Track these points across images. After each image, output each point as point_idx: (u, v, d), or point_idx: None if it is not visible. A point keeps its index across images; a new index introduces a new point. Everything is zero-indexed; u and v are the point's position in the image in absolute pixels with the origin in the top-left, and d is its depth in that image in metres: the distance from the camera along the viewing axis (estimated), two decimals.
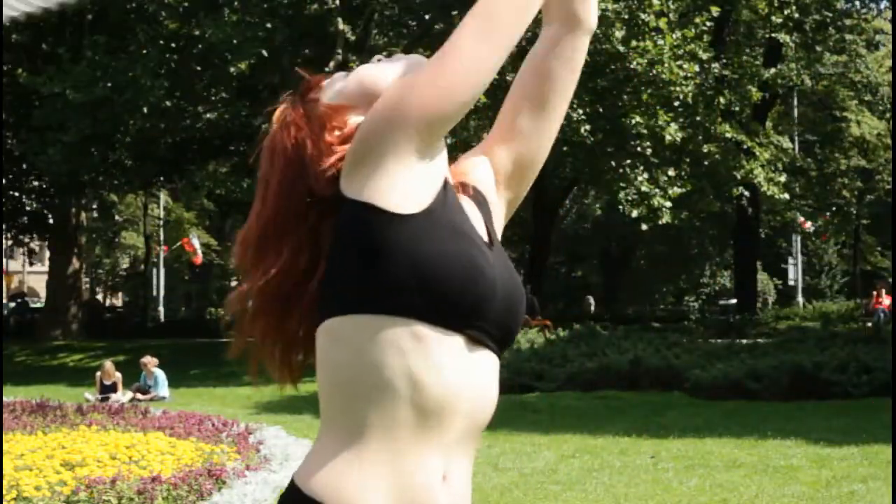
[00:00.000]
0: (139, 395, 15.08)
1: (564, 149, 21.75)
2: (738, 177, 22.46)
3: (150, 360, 15.89)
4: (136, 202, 42.29)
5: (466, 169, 1.76)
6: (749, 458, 8.85)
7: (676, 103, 20.16)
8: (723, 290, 48.38)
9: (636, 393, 14.14)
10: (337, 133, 1.63)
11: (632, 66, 19.37)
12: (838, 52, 32.26)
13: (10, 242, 36.02)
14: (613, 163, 20.65)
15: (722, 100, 22.01)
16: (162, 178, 27.77)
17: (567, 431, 10.77)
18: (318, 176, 1.59)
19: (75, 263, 28.41)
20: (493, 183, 1.78)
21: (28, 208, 30.68)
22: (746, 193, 24.25)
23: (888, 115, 33.79)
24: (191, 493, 6.88)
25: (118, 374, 15.61)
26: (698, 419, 11.45)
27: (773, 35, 24.76)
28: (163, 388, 15.72)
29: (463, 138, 18.16)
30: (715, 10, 20.96)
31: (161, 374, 15.85)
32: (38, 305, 35.86)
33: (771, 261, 45.05)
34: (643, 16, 19.36)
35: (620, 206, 21.17)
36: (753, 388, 13.24)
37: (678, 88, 19.74)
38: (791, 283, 40.70)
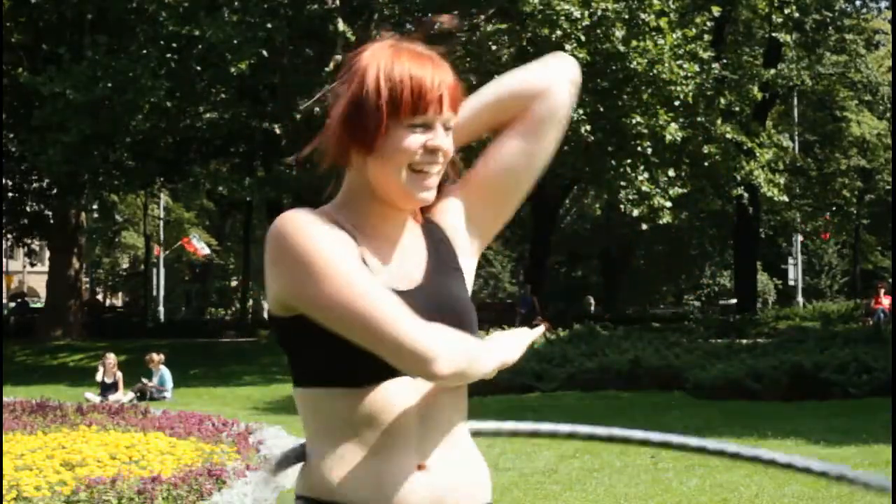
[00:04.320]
0: (136, 401, 14.89)
1: (565, 149, 21.69)
2: (738, 177, 22.45)
3: (155, 357, 15.89)
4: (136, 202, 42.29)
5: (436, 211, 1.83)
6: None
7: (677, 103, 20.16)
8: (723, 290, 48.37)
9: (636, 393, 14.14)
10: None
11: (632, 66, 19.37)
12: (838, 52, 32.28)
13: (9, 243, 36.01)
14: (614, 162, 20.65)
15: (722, 100, 22.01)
16: (162, 178, 27.77)
17: None
18: None
19: (75, 263, 28.41)
20: (462, 227, 1.84)
21: (28, 209, 30.69)
22: (746, 194, 24.25)
23: (888, 115, 33.79)
24: (191, 493, 6.88)
25: (119, 374, 15.59)
26: (698, 419, 11.45)
27: (773, 35, 24.76)
28: (166, 388, 15.73)
29: None
30: (716, 10, 20.97)
31: (167, 373, 15.85)
32: (38, 305, 35.84)
33: (771, 261, 45.03)
34: (643, 15, 19.36)
35: (621, 206, 21.18)
36: (753, 388, 13.24)
37: (678, 88, 19.74)
38: (791, 283, 40.68)
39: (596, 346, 16.25)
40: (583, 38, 18.83)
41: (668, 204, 20.57)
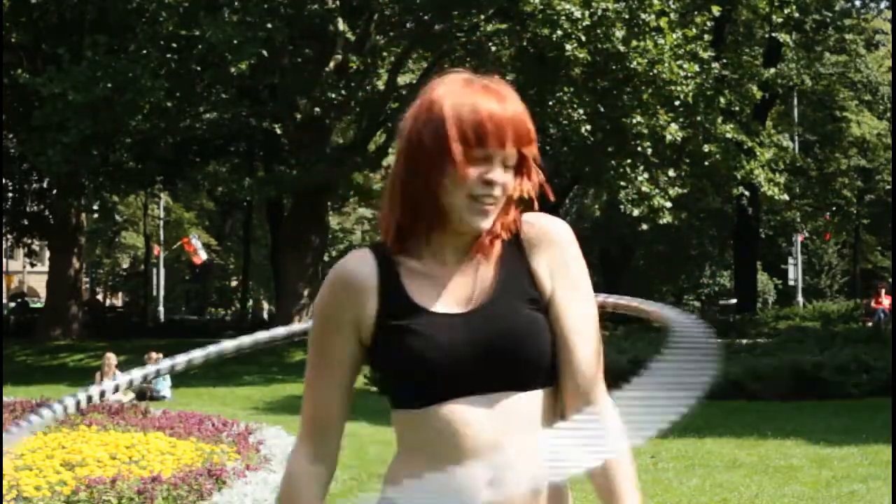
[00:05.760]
0: (135, 401, 14.87)
1: (564, 149, 21.76)
2: (739, 177, 22.45)
3: (154, 355, 15.88)
4: (136, 202, 42.30)
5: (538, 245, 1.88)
6: (749, 458, 8.85)
7: (677, 103, 20.16)
8: (723, 290, 48.34)
9: None
10: None
11: (632, 66, 19.37)
12: (838, 51, 32.30)
13: (9, 243, 36.00)
14: (614, 162, 20.66)
15: (722, 100, 22.01)
16: (162, 179, 27.78)
17: None
18: None
19: (75, 263, 28.40)
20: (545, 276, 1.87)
21: (28, 209, 30.69)
22: (746, 193, 24.25)
23: (888, 115, 33.79)
24: (191, 493, 6.88)
25: (119, 373, 15.58)
26: (698, 419, 11.43)
27: (773, 35, 24.77)
28: (164, 387, 15.71)
29: None
30: (716, 10, 20.97)
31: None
32: (38, 305, 35.85)
33: (771, 261, 45.02)
34: (644, 15, 19.36)
35: (621, 206, 21.18)
36: (753, 388, 13.24)
37: (678, 88, 19.74)
38: (791, 283, 40.68)
39: None
40: (583, 38, 18.84)
41: (668, 204, 20.56)
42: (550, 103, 19.66)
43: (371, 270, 1.83)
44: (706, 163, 21.98)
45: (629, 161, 20.48)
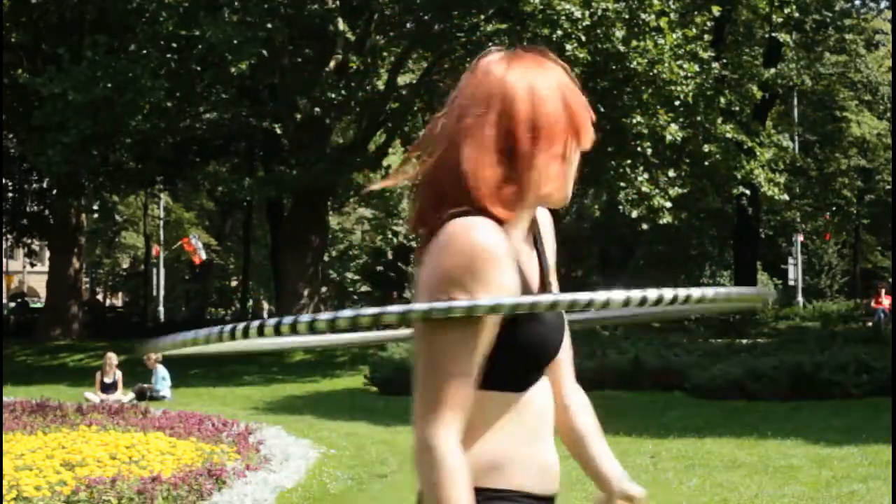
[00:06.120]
0: (135, 401, 14.87)
1: None
2: (739, 177, 22.46)
3: (153, 355, 15.88)
4: (136, 202, 42.30)
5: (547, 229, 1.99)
6: (749, 458, 8.85)
7: (677, 103, 20.15)
8: None
9: (636, 393, 14.14)
10: None
11: (632, 66, 19.37)
12: (838, 51, 32.30)
13: (9, 243, 36.01)
14: (614, 162, 20.65)
15: (722, 100, 22.02)
16: (162, 179, 27.78)
17: None
18: None
19: (75, 263, 28.40)
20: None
21: (28, 209, 30.70)
22: (747, 193, 24.25)
23: (888, 115, 33.79)
24: (191, 493, 6.89)
25: (119, 373, 15.59)
26: (698, 419, 11.45)
27: (773, 35, 24.77)
28: (163, 387, 15.70)
29: None
30: (716, 10, 20.97)
31: (161, 371, 15.81)
32: (38, 305, 35.84)
33: (771, 261, 45.00)
34: (644, 15, 19.36)
35: (620, 206, 21.17)
36: (753, 388, 13.24)
37: (678, 88, 19.73)
38: (791, 283, 40.67)
39: (596, 346, 16.24)
40: (583, 38, 18.84)
41: (668, 204, 20.56)
42: None
43: (508, 244, 1.72)
44: (706, 163, 21.97)
45: (629, 161, 20.47)
